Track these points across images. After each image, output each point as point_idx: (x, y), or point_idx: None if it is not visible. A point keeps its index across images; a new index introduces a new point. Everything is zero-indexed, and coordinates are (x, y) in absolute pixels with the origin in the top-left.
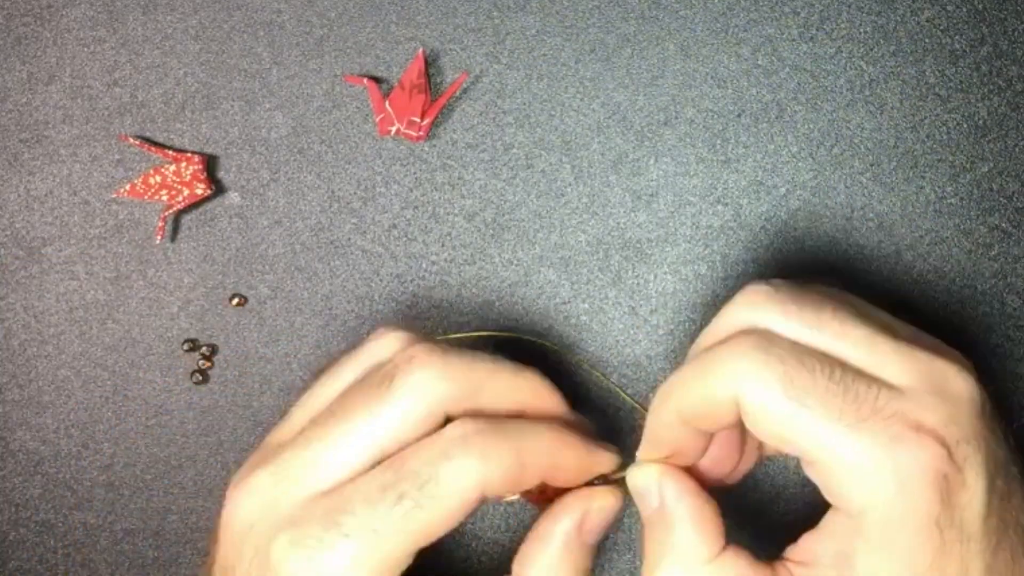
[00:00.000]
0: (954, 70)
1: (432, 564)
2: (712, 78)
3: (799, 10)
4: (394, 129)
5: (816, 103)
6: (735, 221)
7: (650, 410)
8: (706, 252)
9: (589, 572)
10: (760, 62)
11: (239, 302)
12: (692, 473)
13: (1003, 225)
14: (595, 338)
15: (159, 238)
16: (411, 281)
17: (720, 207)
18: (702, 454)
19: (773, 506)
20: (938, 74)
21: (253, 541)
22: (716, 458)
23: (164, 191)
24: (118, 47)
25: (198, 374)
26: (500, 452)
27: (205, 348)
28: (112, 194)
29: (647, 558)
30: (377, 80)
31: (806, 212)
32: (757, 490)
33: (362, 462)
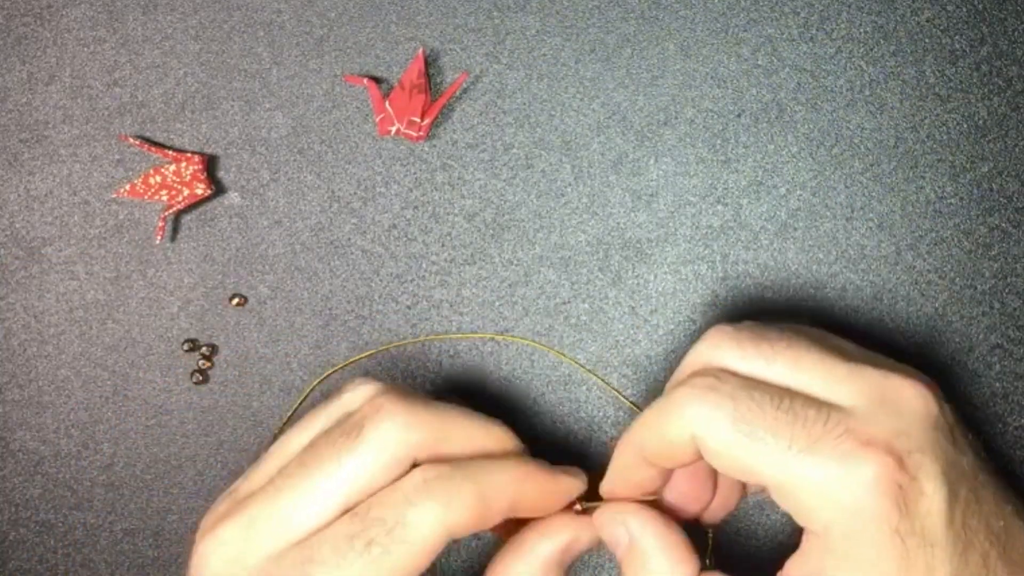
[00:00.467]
0: (954, 70)
1: None
2: (712, 78)
3: (799, 10)
4: (394, 129)
5: (816, 103)
6: (735, 221)
7: (615, 451)
8: (706, 252)
9: None
10: (760, 62)
11: (239, 302)
12: (664, 511)
13: (1003, 225)
14: (595, 338)
15: (159, 238)
16: (411, 281)
17: (720, 207)
18: (661, 485)
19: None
20: (938, 74)
21: None
22: (684, 493)
23: (164, 191)
24: (118, 47)
25: (198, 374)
26: (462, 493)
27: (205, 348)
28: (112, 194)
29: None
30: (377, 80)
31: (806, 212)
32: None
33: (331, 512)
